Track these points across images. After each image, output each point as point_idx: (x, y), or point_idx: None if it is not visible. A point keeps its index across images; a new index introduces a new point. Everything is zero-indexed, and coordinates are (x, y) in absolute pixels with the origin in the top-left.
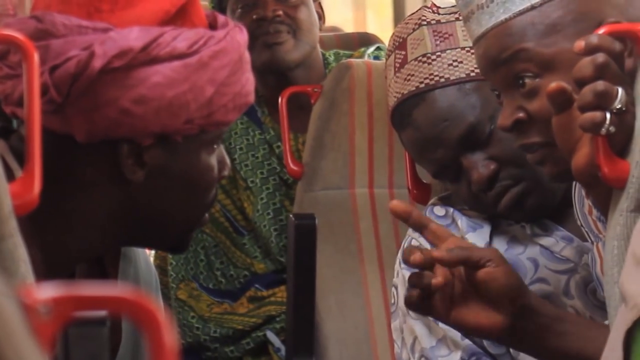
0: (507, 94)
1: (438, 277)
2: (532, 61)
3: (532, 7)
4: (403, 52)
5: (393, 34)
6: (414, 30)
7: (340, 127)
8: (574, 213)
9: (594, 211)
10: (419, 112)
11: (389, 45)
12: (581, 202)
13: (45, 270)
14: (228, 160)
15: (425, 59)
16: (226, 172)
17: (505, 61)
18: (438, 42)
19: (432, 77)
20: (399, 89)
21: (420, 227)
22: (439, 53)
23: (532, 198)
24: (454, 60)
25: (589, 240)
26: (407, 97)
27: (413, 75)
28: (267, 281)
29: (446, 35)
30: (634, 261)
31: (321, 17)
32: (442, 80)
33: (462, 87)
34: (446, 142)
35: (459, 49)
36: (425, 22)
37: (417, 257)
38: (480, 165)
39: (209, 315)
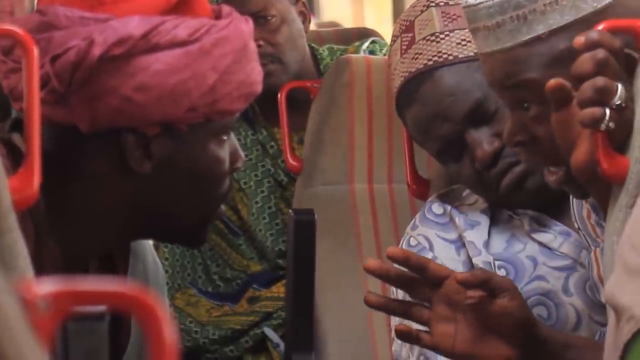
0: (513, 112)
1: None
2: (537, 91)
3: (539, 38)
4: (410, 34)
5: (399, 19)
6: (422, 12)
7: (340, 123)
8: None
9: (593, 215)
10: (426, 88)
11: (394, 31)
12: (579, 205)
13: (62, 267)
14: (242, 153)
15: (433, 37)
16: (239, 165)
17: (510, 87)
18: (447, 22)
19: (440, 54)
20: (406, 68)
21: (421, 269)
22: (447, 32)
23: (533, 179)
24: (462, 39)
25: (587, 244)
26: (415, 74)
27: (421, 53)
28: (264, 280)
29: (454, 17)
30: (624, 270)
31: (306, 17)
32: (451, 57)
33: (471, 65)
34: (452, 117)
35: (468, 30)
36: (433, 4)
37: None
38: (485, 141)
39: (207, 319)
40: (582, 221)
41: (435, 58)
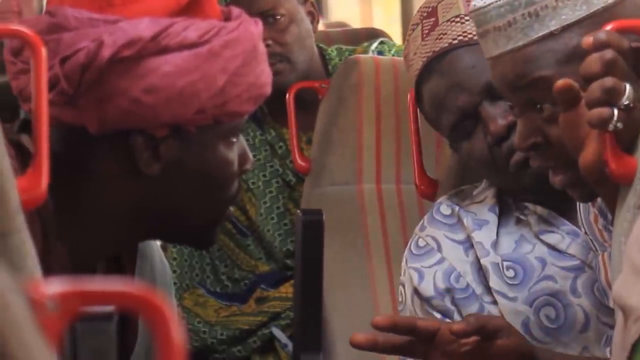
0: (525, 114)
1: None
2: (551, 89)
3: (552, 34)
4: (433, 19)
5: (419, 9)
6: None
7: (348, 123)
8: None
9: (600, 220)
10: (446, 63)
11: (413, 20)
12: (587, 210)
13: (69, 267)
14: (250, 155)
15: (458, 19)
16: (248, 166)
17: (523, 87)
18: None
19: (465, 34)
20: (430, 48)
21: (410, 330)
22: None
23: None
24: None
25: (594, 249)
26: (439, 53)
27: (445, 34)
28: (272, 280)
29: None
30: (632, 271)
31: (314, 17)
32: (475, 38)
33: None
34: (469, 88)
35: None
36: None
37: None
38: (499, 115)
39: (215, 320)
40: (590, 226)
41: (460, 37)
